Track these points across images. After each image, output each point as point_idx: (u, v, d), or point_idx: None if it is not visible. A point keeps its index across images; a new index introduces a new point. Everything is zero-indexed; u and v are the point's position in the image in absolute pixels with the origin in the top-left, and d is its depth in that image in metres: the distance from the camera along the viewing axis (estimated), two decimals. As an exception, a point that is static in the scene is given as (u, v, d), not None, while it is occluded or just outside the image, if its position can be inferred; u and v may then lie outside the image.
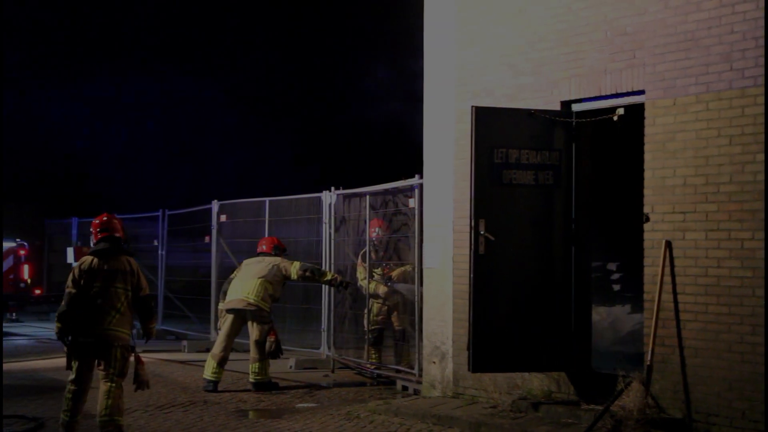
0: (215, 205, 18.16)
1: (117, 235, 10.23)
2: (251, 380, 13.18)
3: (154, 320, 10.47)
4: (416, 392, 12.33)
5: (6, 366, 15.48)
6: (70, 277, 10.01)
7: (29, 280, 21.17)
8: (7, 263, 20.94)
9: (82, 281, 9.93)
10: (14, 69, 36.78)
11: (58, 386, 13.11)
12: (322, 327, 15.11)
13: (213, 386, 13.02)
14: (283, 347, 15.97)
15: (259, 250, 13.98)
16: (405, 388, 12.79)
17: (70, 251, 22.14)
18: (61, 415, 10.05)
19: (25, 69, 37.31)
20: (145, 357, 13.32)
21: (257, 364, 13.19)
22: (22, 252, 21.72)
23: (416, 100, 12.52)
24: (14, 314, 22.97)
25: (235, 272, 13.89)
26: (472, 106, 10.37)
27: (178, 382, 13.80)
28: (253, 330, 13.27)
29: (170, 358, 16.38)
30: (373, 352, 13.98)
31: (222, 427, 10.63)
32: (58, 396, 12.39)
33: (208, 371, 13.12)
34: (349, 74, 37.16)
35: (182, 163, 38.81)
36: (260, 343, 13.21)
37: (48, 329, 22.04)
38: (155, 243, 21.06)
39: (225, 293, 13.67)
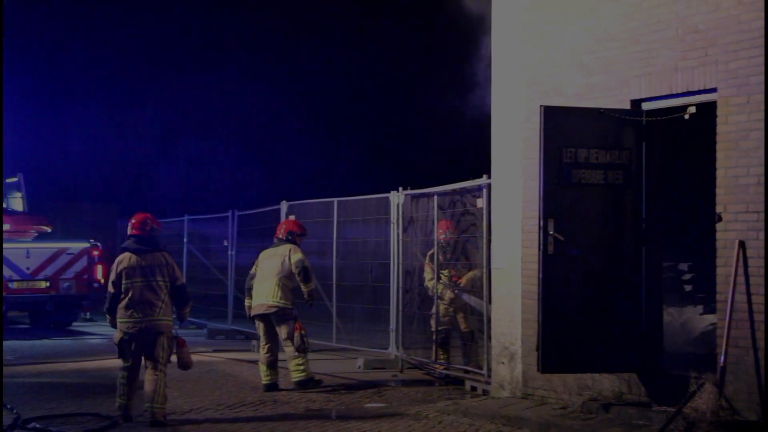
0: (284, 206, 18.25)
1: (143, 233, 11.25)
2: (293, 379, 13.14)
3: (188, 306, 11.45)
4: (485, 393, 12.29)
5: (80, 365, 15.79)
6: (110, 277, 11.10)
7: (102, 280, 21.49)
8: (81, 263, 21.30)
9: (121, 280, 10.95)
10: (91, 75, 37.46)
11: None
12: (391, 327, 15.11)
13: (267, 388, 13.07)
14: (352, 347, 16.07)
15: (275, 236, 13.96)
16: (474, 388, 12.74)
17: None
18: (117, 399, 10.97)
19: (102, 75, 37.97)
20: (216, 356, 13.55)
21: (294, 361, 13.13)
22: (95, 252, 22.07)
23: (485, 99, 12.48)
24: (88, 313, 23.36)
25: (254, 267, 13.86)
26: (541, 106, 10.31)
27: (247, 381, 13.91)
28: (281, 330, 13.26)
29: (240, 357, 16.52)
30: (441, 352, 13.96)
31: (291, 426, 10.70)
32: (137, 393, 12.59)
33: (262, 376, 13.23)
34: (417, 75, 37.16)
35: (253, 165, 39.13)
36: (291, 340, 13.17)
37: (121, 329, 22.38)
38: (225, 243, 21.26)
39: (249, 290, 13.69)
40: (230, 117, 39.15)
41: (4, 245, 21.49)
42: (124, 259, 11.09)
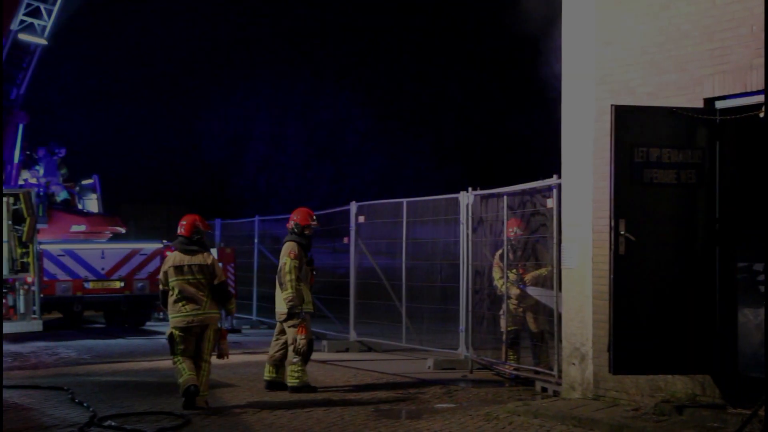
0: (354, 207, 18.34)
1: (190, 234, 12.02)
2: (288, 383, 13.02)
3: (231, 302, 12.36)
4: (555, 394, 12.23)
5: (154, 363, 16.03)
6: (160, 277, 12.06)
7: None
8: (154, 264, 21.60)
9: (167, 278, 11.88)
10: (167, 78, 37.97)
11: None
12: (460, 328, 15.10)
13: (267, 385, 13.11)
14: (421, 347, 16.08)
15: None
16: (544, 389, 12.68)
17: (213, 252, 22.71)
18: (179, 381, 11.67)
19: (177, 79, 38.47)
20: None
21: (291, 366, 13.03)
22: (168, 253, 22.41)
23: (555, 98, 12.41)
24: (161, 313, 23.69)
25: None
26: (612, 105, 10.23)
27: (318, 381, 13.99)
28: (288, 332, 13.15)
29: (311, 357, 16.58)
30: (510, 353, 13.91)
31: (362, 426, 10.74)
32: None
33: (265, 372, 13.26)
34: (486, 74, 37.05)
35: (323, 165, 39.37)
36: (294, 345, 13.07)
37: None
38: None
39: None
40: (301, 118, 39.42)
41: (82, 246, 21.90)
42: (170, 258, 12.04)
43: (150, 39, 37.41)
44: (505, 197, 13.97)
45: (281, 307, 13.07)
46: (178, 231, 12.15)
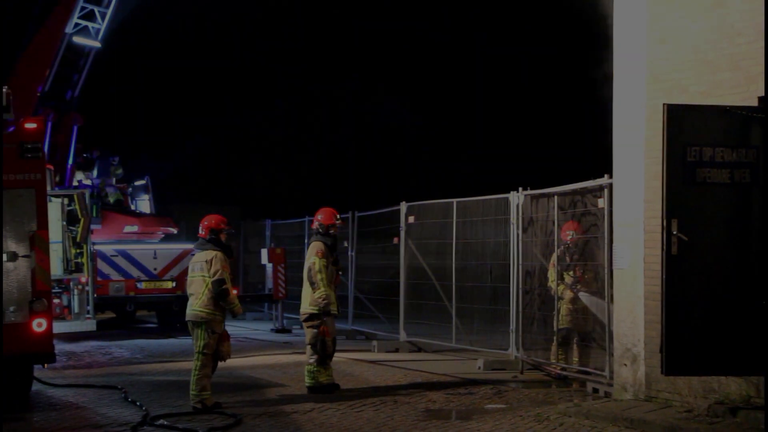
0: (404, 207, 18.34)
1: (204, 234, 12.21)
2: (305, 384, 13.06)
3: (228, 301, 11.96)
4: (607, 395, 12.14)
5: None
6: None
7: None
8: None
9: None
10: (215, 78, 38.24)
11: (255, 384, 13.58)
12: (511, 328, 15.05)
13: (312, 389, 13.04)
14: (471, 348, 16.04)
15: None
16: (595, 390, 12.60)
17: (264, 252, 22.85)
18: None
19: (225, 79, 38.77)
20: (336, 356, 13.69)
21: (307, 367, 13.03)
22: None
23: (606, 98, 12.32)
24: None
25: None
26: (664, 104, 10.15)
27: (368, 381, 14.03)
28: (306, 332, 13.15)
29: (360, 357, 16.65)
30: (561, 353, 13.84)
31: (412, 426, 10.75)
32: (256, 393, 12.88)
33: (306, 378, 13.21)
34: (537, 74, 36.90)
35: (373, 165, 39.43)
36: (313, 345, 13.01)
37: (244, 328, 22.81)
38: (345, 244, 21.46)
39: None
40: (350, 118, 39.51)
41: (134, 246, 22.14)
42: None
43: (200, 37, 37.72)
44: (555, 197, 13.91)
45: (305, 307, 13.12)
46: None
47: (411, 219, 18.18)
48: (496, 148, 37.64)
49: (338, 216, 13.56)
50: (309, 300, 13.02)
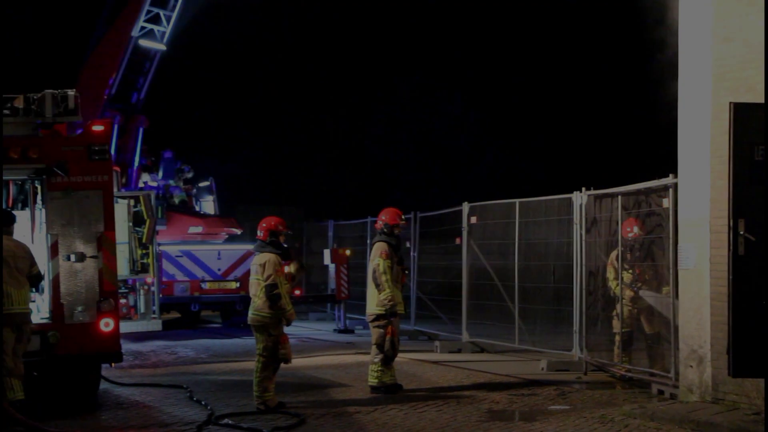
0: (466, 207, 18.30)
1: (261, 236, 12.23)
2: (368, 383, 13.08)
3: (278, 305, 11.89)
4: (672, 396, 12.01)
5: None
6: None
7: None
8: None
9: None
10: (285, 81, 38.50)
11: (318, 384, 13.65)
12: (574, 329, 14.94)
13: (381, 390, 13.07)
14: (534, 348, 15.97)
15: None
16: (661, 392, 12.47)
17: (326, 253, 22.93)
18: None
19: (295, 83, 39.00)
20: (399, 357, 13.72)
21: (371, 366, 13.07)
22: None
23: (670, 97, 12.20)
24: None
25: None
26: (731, 103, 10.03)
27: (431, 381, 14.03)
28: (373, 332, 13.17)
29: (423, 358, 16.65)
30: (623, 354, 13.72)
31: (475, 427, 10.73)
32: (319, 393, 12.95)
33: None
34: (599, 73, 36.61)
35: (435, 165, 39.40)
36: (379, 346, 13.03)
37: (307, 329, 22.93)
38: (407, 245, 21.47)
39: None
40: (413, 119, 39.51)
41: (199, 247, 22.38)
42: None
43: (261, 38, 37.99)
44: (619, 197, 13.79)
45: (372, 308, 13.15)
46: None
47: (473, 219, 18.13)
48: (559, 148, 37.42)
49: (402, 216, 13.59)
50: (375, 301, 13.07)
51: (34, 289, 11.75)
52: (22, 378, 11.04)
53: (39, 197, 12.55)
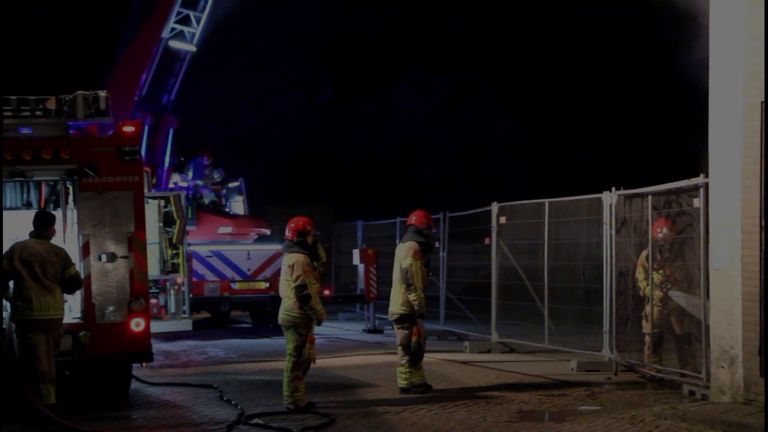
0: (495, 207, 18.26)
1: (289, 236, 12.23)
2: (398, 384, 13.07)
3: (308, 305, 11.88)
4: (704, 397, 11.94)
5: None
6: None
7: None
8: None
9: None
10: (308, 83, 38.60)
11: (348, 384, 13.67)
12: (604, 329, 14.88)
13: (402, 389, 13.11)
14: (564, 349, 15.92)
15: (406, 222, 13.72)
16: (692, 392, 12.40)
17: (356, 253, 22.95)
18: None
19: (317, 85, 39.07)
20: (428, 357, 13.73)
21: (399, 368, 13.07)
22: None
23: (700, 96, 12.13)
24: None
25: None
26: (762, 101, 9.96)
27: (460, 381, 14.02)
28: (398, 333, 13.18)
29: (452, 358, 16.64)
30: (654, 355, 13.65)
31: (504, 428, 10.71)
32: (348, 393, 12.98)
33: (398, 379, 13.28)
34: (628, 72, 36.43)
35: (464, 165, 39.33)
36: (405, 347, 13.03)
37: (336, 329, 22.97)
38: (437, 245, 21.46)
39: None
40: (441, 118, 39.47)
41: (228, 247, 22.47)
42: None
43: (290, 38, 38.08)
44: (649, 197, 13.72)
45: (396, 307, 13.15)
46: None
47: (503, 219, 18.09)
48: (589, 147, 37.26)
49: (431, 218, 13.63)
50: (401, 300, 13.07)
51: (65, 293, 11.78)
52: (54, 383, 11.14)
53: (71, 198, 12.64)
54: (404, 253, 13.17)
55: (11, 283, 11.27)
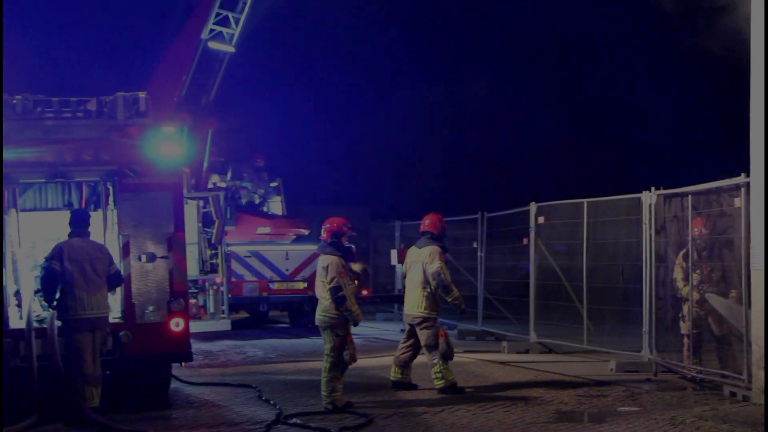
0: (533, 207, 18.20)
1: (324, 237, 12.26)
2: (435, 386, 13.08)
3: (344, 307, 11.88)
4: (745, 398, 11.83)
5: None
6: None
7: (356, 282, 22.21)
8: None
9: None
10: (345, 82, 38.67)
11: (385, 384, 13.68)
12: (644, 329, 14.78)
13: (392, 385, 13.29)
14: (603, 349, 15.85)
15: (421, 229, 13.84)
16: (733, 393, 12.29)
17: (393, 253, 22.94)
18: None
19: (349, 85, 39.14)
20: (466, 357, 13.70)
21: (433, 369, 13.09)
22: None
23: (742, 93, 12.03)
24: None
25: (404, 265, 13.81)
26: (803, 100, 9.85)
27: (498, 382, 13.99)
28: (422, 335, 13.19)
29: (490, 358, 16.61)
30: (694, 356, 13.54)
31: (543, 428, 10.68)
32: (386, 393, 12.98)
33: (391, 372, 13.43)
34: (665, 70, 36.21)
35: (502, 165, 39.26)
36: (431, 347, 13.08)
37: (374, 329, 22.99)
38: (474, 245, 21.43)
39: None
40: (479, 117, 39.42)
41: (267, 247, 22.55)
42: None
43: (327, 38, 38.17)
44: (689, 197, 13.62)
45: (414, 310, 13.26)
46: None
47: (541, 219, 18.03)
48: (629, 147, 37.06)
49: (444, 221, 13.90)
50: (424, 304, 13.18)
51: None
52: (99, 385, 11.24)
53: (111, 198, 12.75)
54: (429, 258, 13.24)
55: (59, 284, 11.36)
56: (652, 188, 14.65)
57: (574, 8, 36.86)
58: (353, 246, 12.71)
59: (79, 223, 11.65)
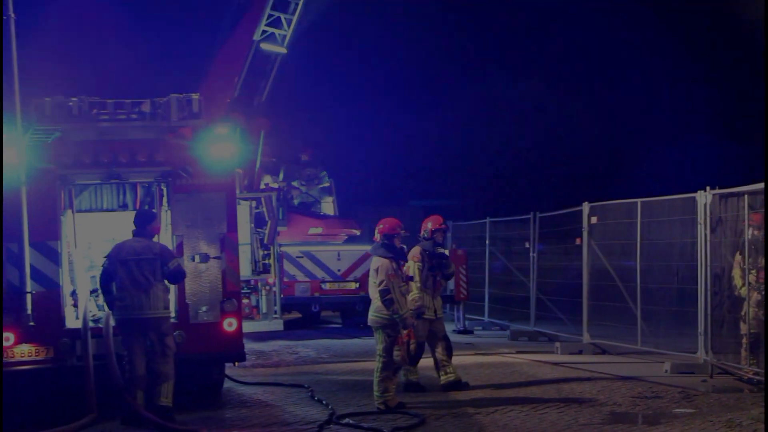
0: (586, 207, 18.08)
1: (379, 239, 12.32)
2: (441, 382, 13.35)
3: (393, 310, 11.90)
4: (803, 401, 11.65)
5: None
6: None
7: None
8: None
9: None
10: (400, 83, 38.73)
11: (438, 384, 13.63)
12: (699, 330, 14.61)
13: (402, 387, 13.13)
14: (657, 350, 15.70)
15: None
16: (790, 396, 12.11)
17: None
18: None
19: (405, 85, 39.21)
20: (519, 357, 13.62)
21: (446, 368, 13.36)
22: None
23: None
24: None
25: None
26: None
27: (551, 383, 13.91)
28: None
29: (543, 359, 16.53)
30: (751, 357, 13.36)
31: (596, 430, 10.61)
32: (439, 393, 12.99)
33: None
34: (718, 68, 35.82)
35: (554, 166, 39.10)
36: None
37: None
38: (527, 245, 21.33)
39: None
40: (530, 120, 39.29)
41: (319, 248, 22.63)
42: None
43: (377, 40, 38.25)
44: (746, 196, 13.44)
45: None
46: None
47: (594, 219, 17.90)
48: (682, 146, 36.70)
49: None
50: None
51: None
52: (168, 381, 11.34)
53: (165, 199, 12.86)
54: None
55: (113, 284, 11.48)
56: (707, 188, 14.48)
57: (622, 10, 36.65)
58: (405, 246, 12.72)
59: (137, 223, 11.72)
